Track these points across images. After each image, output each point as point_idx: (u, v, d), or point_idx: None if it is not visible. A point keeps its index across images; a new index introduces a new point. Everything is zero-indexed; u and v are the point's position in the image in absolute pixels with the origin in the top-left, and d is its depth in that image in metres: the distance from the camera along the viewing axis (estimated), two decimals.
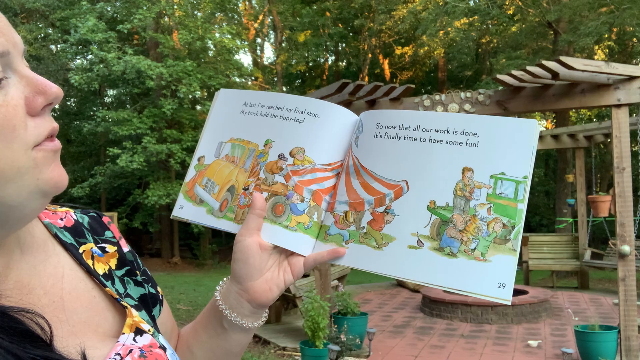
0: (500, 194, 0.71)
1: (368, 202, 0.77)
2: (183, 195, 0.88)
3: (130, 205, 17.50)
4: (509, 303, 0.68)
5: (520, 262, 12.46)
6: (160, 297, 0.83)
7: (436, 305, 8.15)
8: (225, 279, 0.84)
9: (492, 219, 0.71)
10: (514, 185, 0.71)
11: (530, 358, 5.99)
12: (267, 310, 0.84)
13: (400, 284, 11.20)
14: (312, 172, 0.80)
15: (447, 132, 0.75)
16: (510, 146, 0.72)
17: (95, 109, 19.59)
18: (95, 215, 0.81)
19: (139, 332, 0.67)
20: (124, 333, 0.66)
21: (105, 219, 0.82)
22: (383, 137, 0.79)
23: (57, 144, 0.59)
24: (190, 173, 0.88)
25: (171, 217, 0.87)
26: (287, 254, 0.80)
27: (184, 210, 0.86)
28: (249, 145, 0.84)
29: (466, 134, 0.74)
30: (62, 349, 0.59)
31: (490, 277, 0.69)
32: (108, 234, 0.80)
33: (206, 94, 18.93)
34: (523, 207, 0.71)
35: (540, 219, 21.26)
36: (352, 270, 11.48)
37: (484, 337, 6.91)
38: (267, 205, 0.79)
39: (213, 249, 19.25)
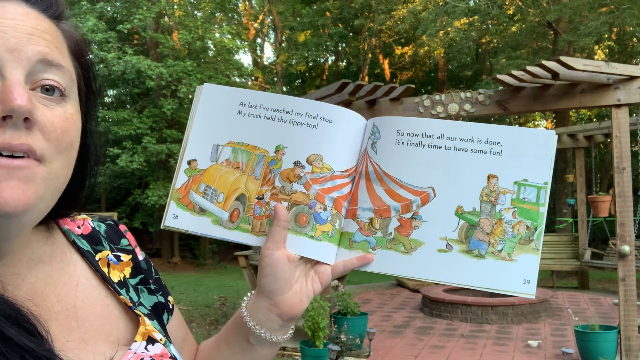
0: (524, 199, 0.77)
1: (394, 209, 0.79)
2: (175, 203, 0.81)
3: (130, 205, 17.50)
4: (534, 297, 0.75)
5: None
6: (170, 307, 0.83)
7: (436, 305, 8.14)
8: (249, 294, 0.82)
9: (516, 222, 0.77)
10: (536, 191, 0.77)
11: (530, 358, 5.99)
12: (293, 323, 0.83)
13: (400, 284, 11.19)
14: (332, 179, 0.79)
15: (472, 141, 0.79)
16: (531, 155, 0.77)
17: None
18: (112, 223, 0.81)
19: (150, 341, 0.68)
20: (136, 341, 0.67)
21: (122, 227, 0.82)
22: (405, 144, 0.80)
23: (11, 162, 0.54)
24: (181, 178, 0.81)
25: (162, 227, 0.80)
26: (312, 263, 0.79)
27: (180, 220, 0.80)
28: (255, 150, 0.80)
29: (490, 142, 0.78)
30: (72, 354, 0.60)
31: (517, 274, 0.75)
32: (124, 242, 0.80)
33: None
34: (544, 210, 0.77)
35: None
36: (352, 270, 11.41)
37: (484, 337, 6.91)
38: (289, 216, 0.77)
39: (213, 249, 19.25)
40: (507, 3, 15.31)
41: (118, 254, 0.77)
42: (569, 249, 11.27)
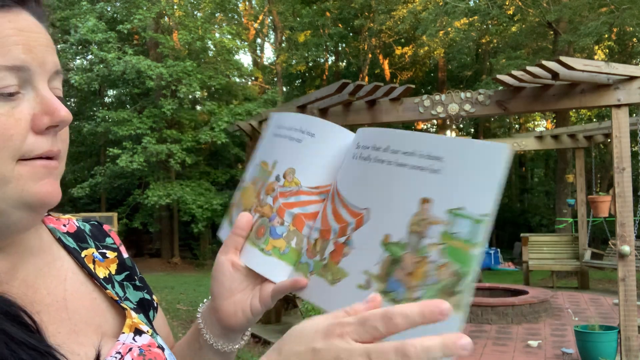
0: (455, 233, 0.58)
1: (334, 231, 0.70)
2: (227, 218, 0.86)
3: (130, 205, 17.50)
4: None
5: (521, 262, 12.45)
6: (155, 305, 0.85)
7: None
8: None
9: (442, 263, 0.58)
10: (470, 225, 0.57)
11: (530, 358, 5.99)
12: (244, 337, 0.81)
13: None
14: (296, 194, 0.75)
15: (413, 154, 0.63)
16: (474, 175, 0.59)
17: (95, 109, 19.60)
18: (96, 223, 0.84)
19: (138, 332, 0.70)
20: (123, 332, 0.69)
21: (106, 227, 0.84)
22: (358, 158, 0.70)
23: (49, 163, 0.60)
24: (235, 196, 0.87)
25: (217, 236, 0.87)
26: (261, 279, 0.75)
27: (222, 231, 0.85)
28: (265, 167, 0.82)
29: (431, 157, 0.62)
30: (64, 345, 0.61)
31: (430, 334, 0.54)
32: (108, 240, 0.82)
33: (206, 94, 18.93)
34: (477, 252, 0.56)
35: (540, 219, 21.26)
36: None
37: (484, 337, 6.91)
38: (254, 226, 0.77)
39: (213, 249, 19.26)
40: (507, 3, 15.31)
41: (103, 251, 0.79)
42: (569, 249, 11.27)
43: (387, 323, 0.49)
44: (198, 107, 19.00)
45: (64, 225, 0.77)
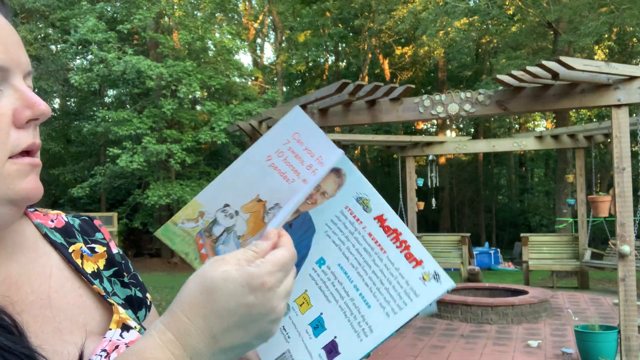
0: None
1: None
2: None
3: (130, 205, 17.49)
4: None
5: (521, 262, 12.44)
6: (148, 303, 0.84)
7: (436, 306, 8.14)
8: None
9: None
10: None
11: (530, 358, 5.99)
12: None
13: None
14: None
15: None
16: None
17: (95, 109, 19.59)
18: (86, 218, 0.83)
19: (125, 328, 0.69)
20: (110, 329, 0.67)
21: (97, 222, 0.83)
22: None
23: (34, 160, 0.62)
24: None
25: None
26: None
27: None
28: None
29: None
30: (46, 344, 0.60)
31: None
32: (98, 235, 0.81)
33: (206, 94, 18.93)
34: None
35: (540, 219, 21.25)
36: None
37: (484, 337, 6.91)
38: None
39: None
40: (507, 3, 15.31)
41: (92, 245, 0.78)
42: (569, 249, 11.26)
43: (293, 261, 0.60)
44: (198, 107, 18.99)
45: (52, 221, 0.76)
